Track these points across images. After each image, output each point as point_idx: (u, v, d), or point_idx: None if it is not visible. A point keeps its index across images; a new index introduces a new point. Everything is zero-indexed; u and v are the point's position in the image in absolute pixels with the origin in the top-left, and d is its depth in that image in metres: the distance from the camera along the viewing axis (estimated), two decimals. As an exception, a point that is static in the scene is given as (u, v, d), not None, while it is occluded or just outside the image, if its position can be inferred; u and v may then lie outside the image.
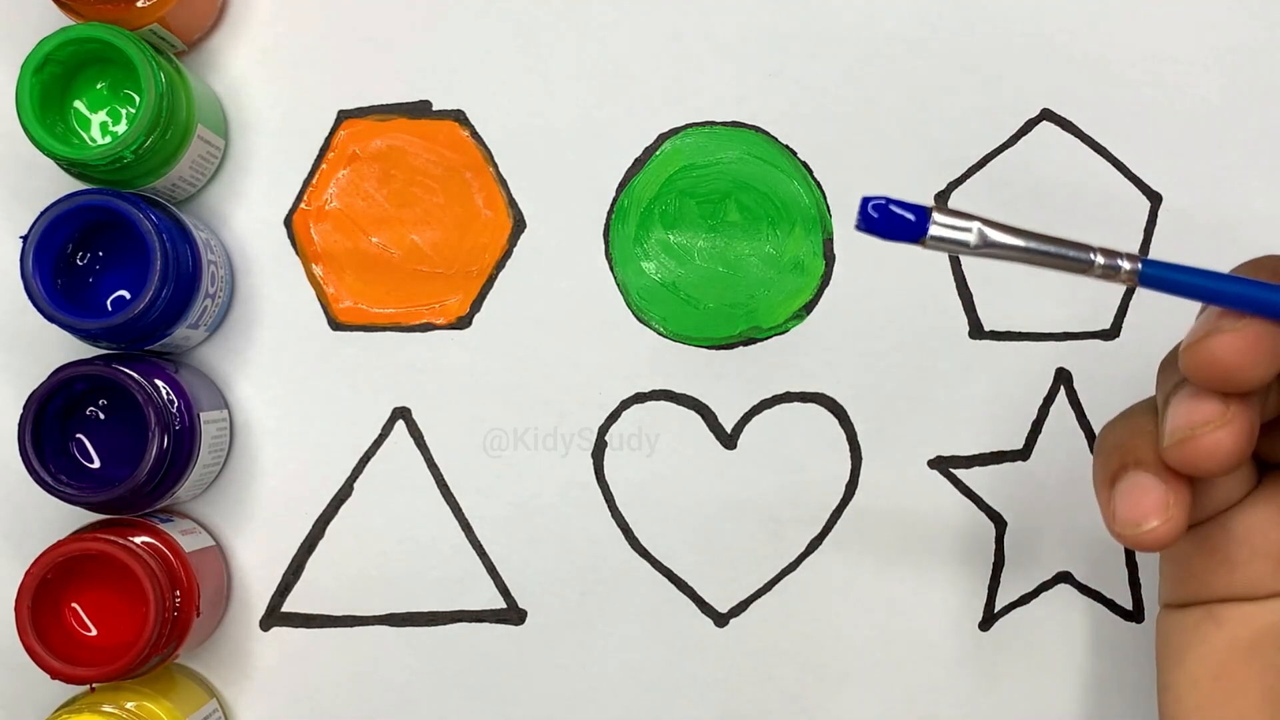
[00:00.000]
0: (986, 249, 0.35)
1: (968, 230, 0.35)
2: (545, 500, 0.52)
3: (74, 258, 0.47)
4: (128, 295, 0.47)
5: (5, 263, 0.51)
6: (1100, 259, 0.36)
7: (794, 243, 0.52)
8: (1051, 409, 0.52)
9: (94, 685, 0.48)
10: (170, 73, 0.47)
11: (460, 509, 0.52)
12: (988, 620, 0.52)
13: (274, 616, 0.52)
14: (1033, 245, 0.35)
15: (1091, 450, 0.52)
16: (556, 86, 0.52)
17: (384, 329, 0.52)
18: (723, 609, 0.52)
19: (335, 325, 0.52)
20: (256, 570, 0.51)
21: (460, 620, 0.52)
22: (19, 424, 0.46)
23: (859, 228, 0.35)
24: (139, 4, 0.47)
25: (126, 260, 0.47)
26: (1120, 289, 0.52)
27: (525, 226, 0.52)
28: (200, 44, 0.52)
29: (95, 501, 0.46)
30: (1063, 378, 0.52)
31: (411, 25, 0.52)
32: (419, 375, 0.52)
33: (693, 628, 0.52)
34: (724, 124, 0.52)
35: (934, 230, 0.35)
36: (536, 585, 0.52)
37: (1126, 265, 0.36)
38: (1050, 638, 0.52)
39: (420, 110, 0.52)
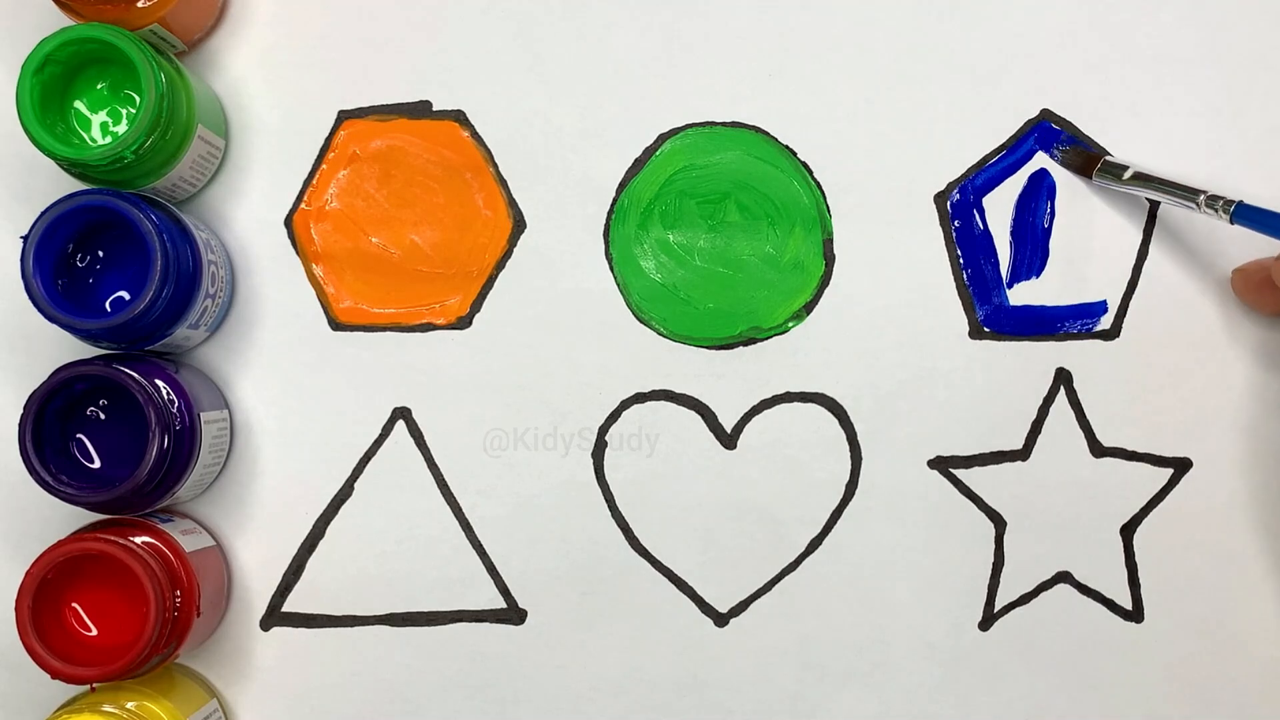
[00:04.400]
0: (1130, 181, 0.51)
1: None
2: (545, 500, 0.52)
3: (74, 258, 0.47)
4: (127, 295, 0.47)
5: (6, 263, 0.51)
6: (1203, 199, 0.49)
7: (794, 243, 0.52)
8: (1051, 409, 0.52)
9: (94, 685, 0.48)
10: (170, 73, 0.47)
11: (460, 509, 0.52)
12: (988, 620, 0.52)
13: (274, 616, 0.52)
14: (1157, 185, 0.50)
15: (1091, 451, 0.52)
16: (556, 86, 0.52)
17: (384, 329, 0.52)
18: (723, 609, 0.52)
19: (335, 325, 0.52)
20: (256, 570, 0.51)
21: (460, 620, 0.52)
22: (19, 424, 0.46)
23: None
24: (139, 4, 0.47)
25: (126, 260, 0.47)
26: (1120, 288, 0.52)
27: (525, 226, 0.52)
28: (200, 44, 0.52)
29: (95, 501, 0.46)
30: (1063, 378, 0.52)
31: (411, 25, 0.52)
32: (419, 375, 0.52)
33: (693, 628, 0.52)
34: (724, 124, 0.52)
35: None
36: (536, 585, 0.52)
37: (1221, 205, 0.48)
38: (1050, 638, 0.52)
39: (420, 110, 0.52)
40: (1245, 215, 0.47)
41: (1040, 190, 0.52)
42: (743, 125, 0.52)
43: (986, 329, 0.52)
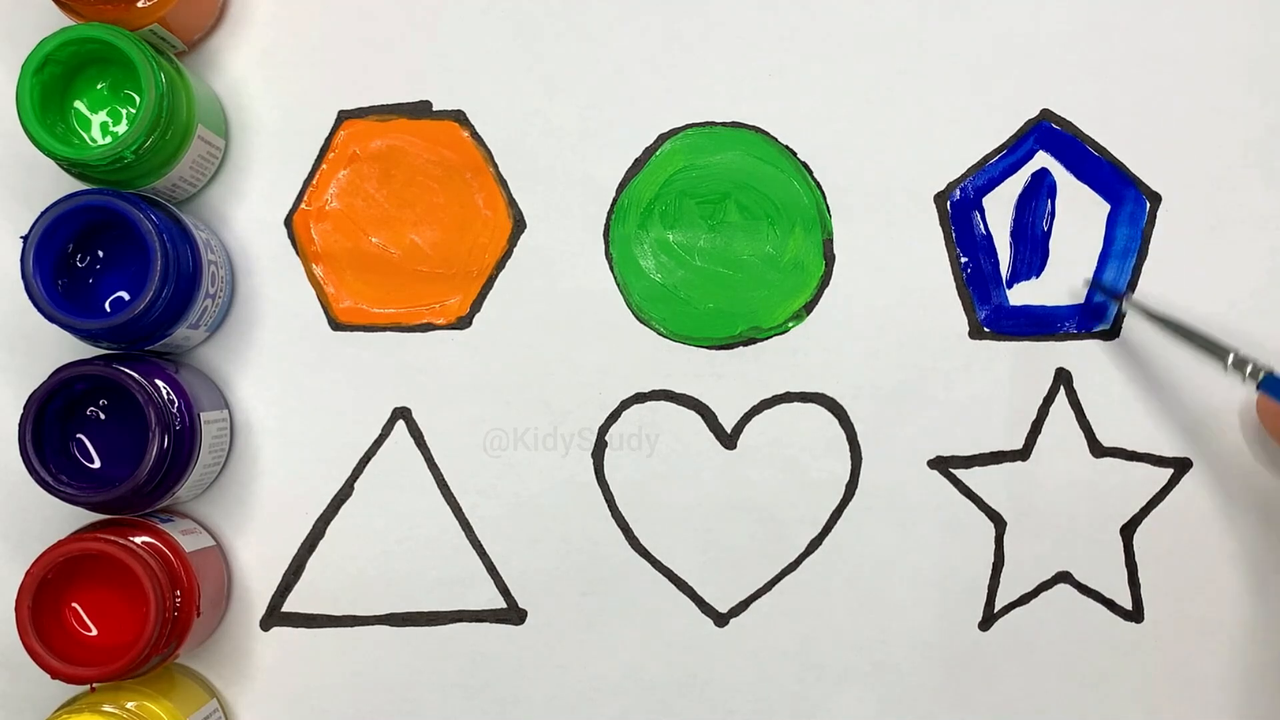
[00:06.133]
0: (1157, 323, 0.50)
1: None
2: (545, 500, 0.52)
3: (74, 258, 0.47)
4: (127, 295, 0.47)
5: (6, 263, 0.51)
6: (1231, 359, 0.47)
7: (794, 243, 0.52)
8: (1051, 409, 0.52)
9: (94, 685, 0.48)
10: (170, 73, 0.47)
11: (460, 509, 0.52)
12: (988, 620, 0.52)
13: (274, 616, 0.52)
14: (1187, 334, 0.49)
15: (1091, 451, 0.52)
16: (556, 86, 0.52)
17: (384, 329, 0.52)
18: (723, 609, 0.52)
19: (335, 325, 0.52)
20: (256, 570, 0.51)
21: (460, 620, 0.52)
22: (19, 424, 0.46)
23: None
24: (139, 4, 0.47)
25: (126, 260, 0.47)
26: (1122, 285, 0.52)
27: (525, 226, 0.52)
28: (200, 44, 0.52)
29: (95, 501, 0.46)
30: (1063, 378, 0.52)
31: (411, 25, 0.52)
32: (419, 375, 0.52)
33: (693, 628, 0.52)
34: (724, 124, 0.52)
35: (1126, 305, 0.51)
36: (536, 585, 0.52)
37: (1249, 371, 0.46)
38: (1050, 638, 0.52)
39: (420, 110, 0.52)
40: (1272, 388, 0.45)
41: (1040, 190, 0.52)
42: (743, 125, 0.52)
43: (986, 329, 0.52)
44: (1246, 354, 0.46)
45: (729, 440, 0.52)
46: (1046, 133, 0.52)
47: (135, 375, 0.46)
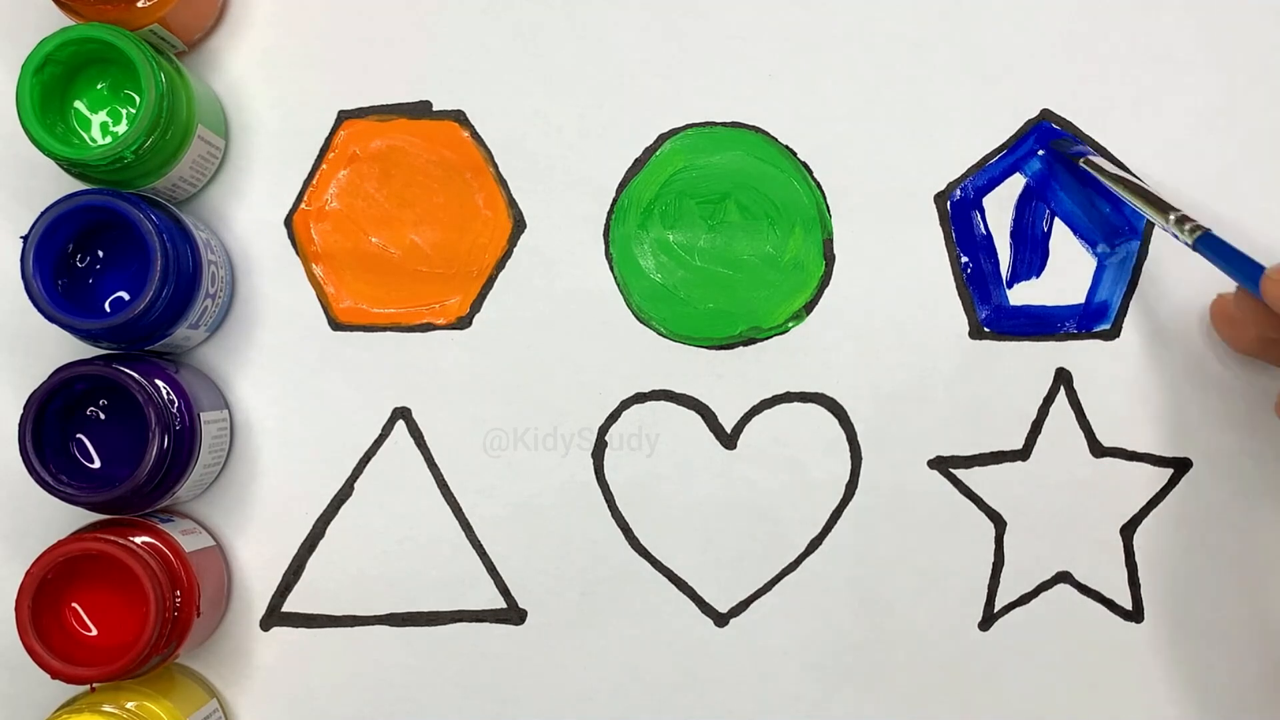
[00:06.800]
0: (1109, 178, 0.50)
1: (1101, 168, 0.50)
2: (545, 500, 0.52)
3: (74, 258, 0.47)
4: (127, 295, 0.47)
5: (6, 263, 0.51)
6: (1173, 218, 0.47)
7: (794, 243, 0.52)
8: (1051, 409, 0.52)
9: (94, 685, 0.48)
10: (170, 73, 0.47)
11: (460, 509, 0.52)
12: (987, 620, 0.52)
13: (274, 616, 0.52)
14: (1135, 191, 0.49)
15: (1091, 451, 0.52)
16: (556, 86, 0.52)
17: (384, 329, 0.52)
18: (723, 609, 0.52)
19: (335, 325, 0.52)
20: (256, 570, 0.51)
21: (460, 620, 0.52)
22: (19, 424, 0.46)
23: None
24: (139, 4, 0.47)
25: (127, 260, 0.47)
26: (1120, 288, 0.52)
27: (525, 226, 0.52)
28: (200, 44, 0.52)
29: (95, 501, 0.46)
30: (1063, 378, 0.52)
31: (411, 25, 0.52)
32: (419, 375, 0.52)
33: (693, 628, 0.52)
34: (724, 124, 0.52)
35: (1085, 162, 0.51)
36: (536, 585, 0.52)
37: (1188, 229, 0.46)
38: (1050, 638, 0.52)
39: (420, 110, 0.52)
40: (1208, 246, 0.45)
41: (1041, 190, 0.52)
42: (743, 125, 0.52)
43: (986, 329, 0.52)
44: (1187, 213, 0.47)
45: (729, 440, 0.52)
46: (1046, 133, 0.52)
47: (135, 375, 0.46)
